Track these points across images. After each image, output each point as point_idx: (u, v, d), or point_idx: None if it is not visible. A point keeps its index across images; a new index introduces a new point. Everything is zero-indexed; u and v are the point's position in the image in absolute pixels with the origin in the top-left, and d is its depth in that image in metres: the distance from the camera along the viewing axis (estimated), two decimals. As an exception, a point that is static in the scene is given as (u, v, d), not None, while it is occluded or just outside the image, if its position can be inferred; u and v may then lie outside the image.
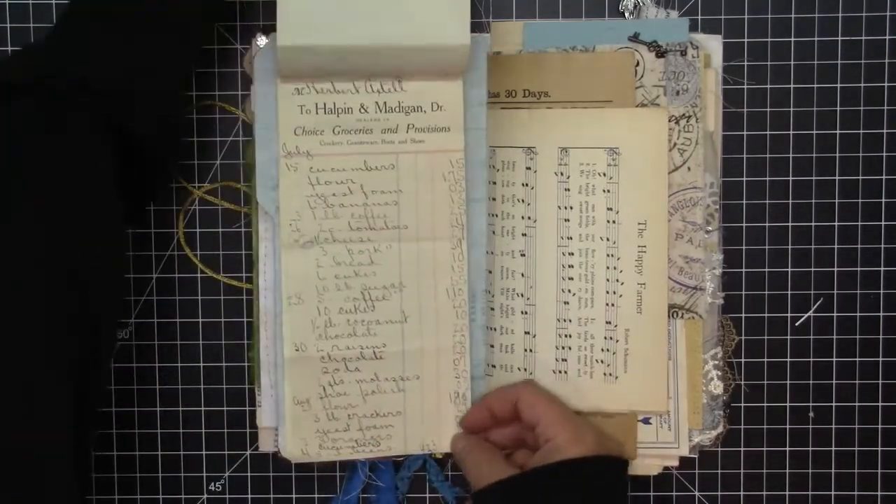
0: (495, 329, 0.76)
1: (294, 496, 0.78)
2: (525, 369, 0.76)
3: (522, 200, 0.75)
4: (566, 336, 0.75)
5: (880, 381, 0.78)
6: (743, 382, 0.78)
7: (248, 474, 0.78)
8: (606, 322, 0.75)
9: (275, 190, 0.74)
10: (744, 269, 0.77)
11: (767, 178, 0.77)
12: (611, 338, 0.75)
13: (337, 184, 0.74)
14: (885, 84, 0.76)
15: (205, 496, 0.78)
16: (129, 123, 0.66)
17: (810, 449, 0.78)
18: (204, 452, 0.78)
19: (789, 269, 0.77)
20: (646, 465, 0.76)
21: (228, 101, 0.77)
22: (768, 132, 0.76)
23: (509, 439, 0.74)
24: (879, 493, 0.78)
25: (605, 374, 0.75)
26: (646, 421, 0.76)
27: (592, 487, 0.68)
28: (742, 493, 0.78)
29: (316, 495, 0.78)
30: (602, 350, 0.75)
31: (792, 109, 0.76)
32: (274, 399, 0.75)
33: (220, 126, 0.77)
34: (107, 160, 0.65)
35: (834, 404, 0.78)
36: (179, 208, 0.77)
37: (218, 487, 0.78)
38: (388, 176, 0.74)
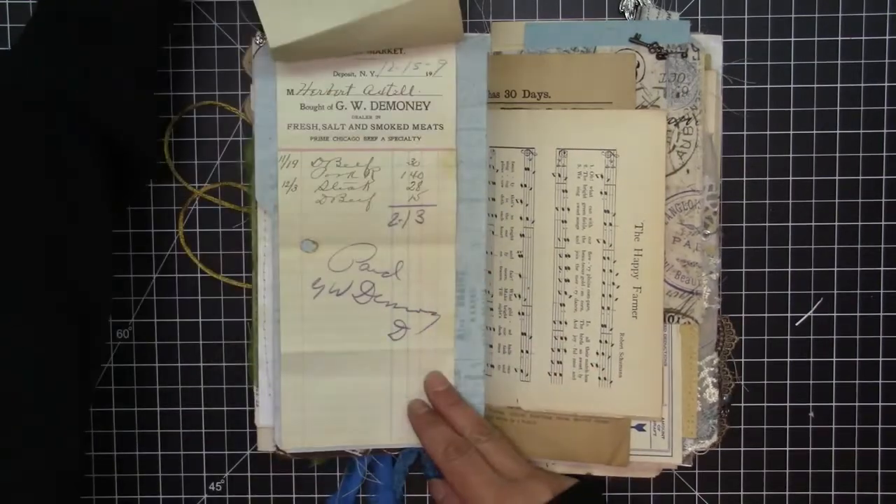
0: (493, 329, 0.76)
1: (294, 496, 0.79)
2: (521, 370, 0.76)
3: (521, 201, 0.75)
4: (562, 338, 0.75)
5: (880, 381, 0.78)
6: (743, 382, 0.78)
7: (248, 474, 0.78)
8: (602, 325, 0.75)
9: (274, 189, 0.74)
10: (744, 270, 0.77)
11: (767, 178, 0.77)
12: (606, 341, 0.75)
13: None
14: (885, 84, 0.76)
15: (205, 496, 0.78)
16: (102, 124, 0.66)
17: (810, 449, 0.78)
18: (204, 452, 0.78)
19: (789, 269, 0.77)
20: (642, 468, 0.76)
21: (228, 101, 0.77)
22: (768, 132, 0.76)
23: None
24: (879, 493, 0.78)
25: (599, 378, 0.75)
26: (639, 427, 0.76)
27: None
28: (742, 493, 0.78)
29: (316, 495, 0.79)
30: (597, 354, 0.75)
31: (792, 109, 0.76)
32: (271, 398, 0.76)
33: (220, 126, 0.77)
34: (90, 163, 0.65)
35: (834, 404, 0.78)
36: (179, 208, 0.77)
37: (218, 487, 0.78)
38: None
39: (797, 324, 0.78)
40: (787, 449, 0.78)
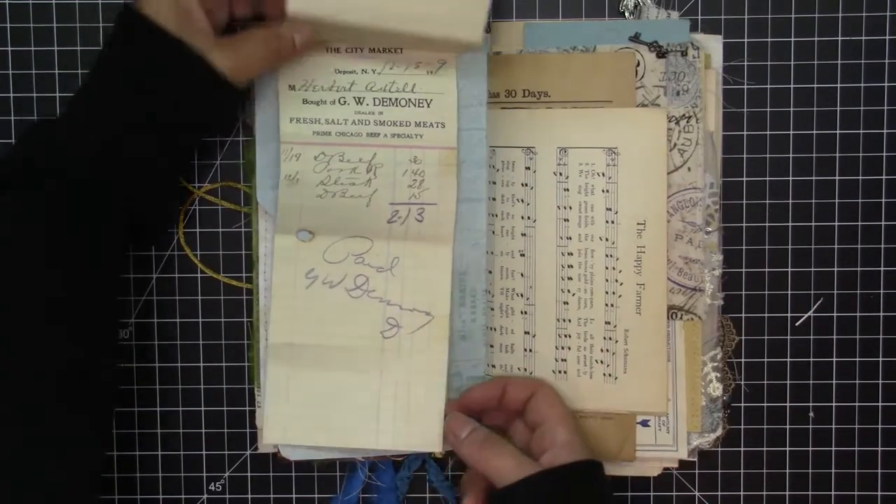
0: (495, 329, 0.76)
1: (294, 496, 0.78)
2: (525, 369, 0.76)
3: (522, 200, 0.75)
4: (566, 336, 0.75)
5: (880, 381, 0.78)
6: (743, 382, 0.78)
7: (248, 474, 0.78)
8: (606, 322, 0.75)
9: (275, 189, 0.74)
10: (744, 269, 0.77)
11: (767, 178, 0.77)
12: (610, 338, 0.75)
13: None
14: (885, 84, 0.76)
15: (205, 496, 0.78)
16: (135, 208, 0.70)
17: (810, 449, 0.78)
18: (204, 452, 0.78)
19: (789, 269, 0.77)
20: (645, 466, 0.76)
21: (228, 101, 0.77)
22: (768, 132, 0.76)
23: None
24: (879, 493, 0.78)
25: (604, 374, 0.75)
26: (644, 423, 0.76)
27: (601, 487, 0.69)
28: (742, 493, 0.78)
29: (316, 495, 0.78)
30: (601, 350, 0.75)
31: (792, 109, 0.76)
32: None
33: (220, 126, 0.77)
34: (122, 243, 0.70)
35: (834, 404, 0.78)
36: (180, 208, 0.77)
37: (218, 487, 0.78)
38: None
39: (797, 324, 0.78)
40: (787, 449, 0.78)
